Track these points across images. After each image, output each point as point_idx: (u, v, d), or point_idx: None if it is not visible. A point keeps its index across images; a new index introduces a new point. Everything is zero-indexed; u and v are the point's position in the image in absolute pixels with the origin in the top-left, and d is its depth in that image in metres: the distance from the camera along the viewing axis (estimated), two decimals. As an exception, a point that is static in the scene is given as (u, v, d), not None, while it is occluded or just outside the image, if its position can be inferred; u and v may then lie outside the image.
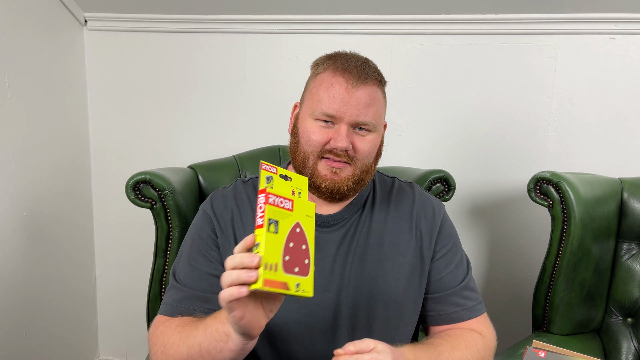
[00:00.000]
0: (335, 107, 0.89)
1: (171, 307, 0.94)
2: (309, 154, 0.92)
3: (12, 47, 1.48)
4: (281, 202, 0.71)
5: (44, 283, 1.68)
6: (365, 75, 0.90)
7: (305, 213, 0.73)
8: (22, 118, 1.54)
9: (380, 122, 0.94)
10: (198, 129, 1.78)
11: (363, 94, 0.89)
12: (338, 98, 0.89)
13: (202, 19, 1.68)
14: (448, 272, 0.99)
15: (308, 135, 0.91)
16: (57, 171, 1.71)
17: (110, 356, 2.00)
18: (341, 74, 0.90)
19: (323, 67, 0.93)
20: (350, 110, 0.89)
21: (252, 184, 1.02)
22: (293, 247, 0.70)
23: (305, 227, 0.73)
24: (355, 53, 0.96)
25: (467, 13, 1.56)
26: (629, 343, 1.30)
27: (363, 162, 0.92)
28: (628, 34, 1.51)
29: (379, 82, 0.93)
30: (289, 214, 0.71)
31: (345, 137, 0.89)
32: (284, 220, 0.70)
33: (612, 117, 1.57)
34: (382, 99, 0.95)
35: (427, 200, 1.03)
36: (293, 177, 0.75)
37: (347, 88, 0.89)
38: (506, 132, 1.63)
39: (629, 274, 1.30)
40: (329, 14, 1.61)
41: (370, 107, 0.90)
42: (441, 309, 0.98)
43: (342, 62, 0.91)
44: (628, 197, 1.31)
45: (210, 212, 0.98)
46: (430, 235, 0.99)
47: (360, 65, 0.91)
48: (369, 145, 0.92)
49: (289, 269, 0.70)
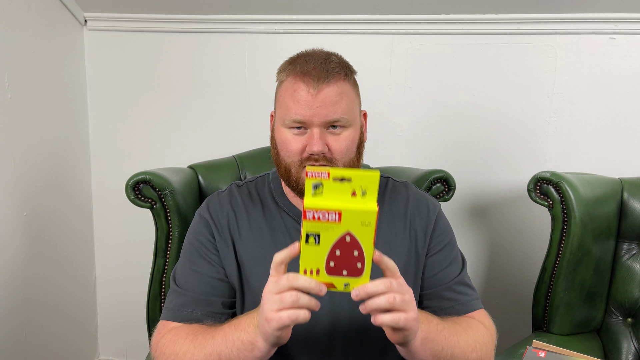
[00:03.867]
0: (302, 113, 0.88)
1: (174, 312, 0.94)
2: (290, 165, 0.91)
3: (12, 47, 1.48)
4: (323, 216, 0.65)
5: (44, 283, 1.68)
6: (325, 74, 0.88)
7: (360, 220, 0.64)
8: (22, 118, 1.54)
9: (354, 115, 0.92)
10: (198, 129, 1.78)
11: (327, 94, 0.88)
12: (303, 103, 0.88)
13: (202, 19, 1.68)
14: (442, 268, 0.99)
15: (285, 146, 0.91)
16: (57, 171, 1.71)
17: (110, 356, 2.00)
18: (301, 79, 0.89)
19: (285, 74, 0.92)
20: (318, 112, 0.88)
21: (247, 188, 1.02)
22: (340, 254, 0.67)
23: (360, 235, 0.66)
24: (317, 50, 0.94)
25: (467, 13, 1.56)
26: (629, 343, 1.30)
27: (343, 161, 0.91)
28: (628, 34, 1.51)
29: (345, 75, 0.91)
30: (334, 225, 0.65)
31: (319, 140, 0.88)
32: (328, 232, 0.65)
33: (612, 117, 1.57)
34: (352, 90, 0.92)
35: (421, 198, 1.02)
36: (354, 176, 0.65)
37: (309, 91, 0.88)
38: (506, 132, 1.63)
39: (629, 274, 1.30)
40: (329, 14, 1.61)
41: (338, 104, 0.88)
42: (435, 305, 0.98)
43: (301, 66, 0.90)
44: (628, 197, 1.31)
45: (207, 216, 0.98)
46: (425, 233, 0.99)
47: (319, 65, 0.89)
48: (345, 142, 0.90)
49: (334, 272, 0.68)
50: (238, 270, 0.96)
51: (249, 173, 1.43)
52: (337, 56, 0.94)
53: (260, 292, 0.93)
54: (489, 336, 0.94)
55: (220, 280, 0.96)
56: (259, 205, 0.99)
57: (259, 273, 0.94)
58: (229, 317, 0.96)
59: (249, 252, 0.95)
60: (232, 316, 0.97)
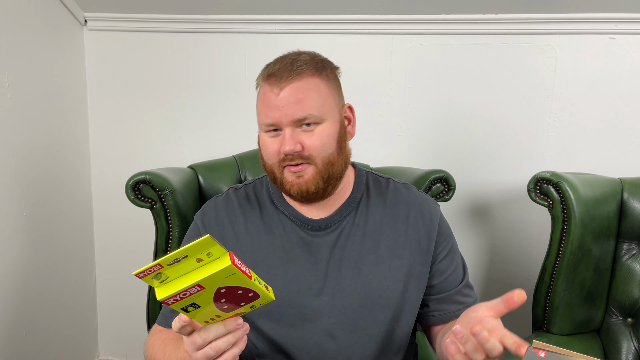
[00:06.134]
0: (270, 115, 0.89)
1: (165, 317, 0.97)
2: (272, 167, 0.92)
3: (12, 47, 1.48)
4: (184, 294, 0.60)
5: (44, 283, 1.68)
6: (289, 73, 0.88)
7: (223, 276, 0.59)
8: (22, 118, 1.54)
9: (326, 109, 0.90)
10: (198, 129, 1.78)
11: (289, 92, 0.88)
12: (270, 105, 0.89)
13: (202, 19, 1.68)
14: (451, 272, 1.00)
15: (265, 150, 0.92)
16: (57, 171, 1.71)
17: (110, 356, 2.00)
18: (267, 81, 0.90)
19: (260, 79, 0.94)
20: (283, 112, 0.88)
21: (244, 191, 1.02)
22: (227, 300, 0.63)
23: (231, 283, 0.61)
24: (293, 52, 0.95)
25: (467, 13, 1.56)
26: (629, 343, 1.30)
27: (321, 156, 0.90)
28: (628, 34, 1.51)
29: (314, 70, 0.90)
30: (202, 292, 0.61)
31: (290, 139, 0.88)
32: (200, 297, 0.61)
33: (612, 117, 1.57)
34: (324, 84, 0.91)
35: (423, 201, 1.02)
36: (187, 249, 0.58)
37: (273, 91, 0.89)
38: (506, 132, 1.63)
39: (629, 274, 1.30)
40: (329, 14, 1.61)
41: (303, 101, 0.88)
42: (445, 309, 0.99)
43: (270, 68, 0.91)
44: (628, 197, 1.31)
45: (199, 224, 1.00)
46: (429, 237, 0.98)
47: (285, 65, 0.90)
48: (319, 138, 0.89)
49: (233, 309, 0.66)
50: None
51: (249, 173, 1.42)
52: (311, 54, 0.94)
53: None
54: None
55: None
56: (256, 208, 0.99)
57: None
58: None
59: (247, 256, 0.95)
60: None
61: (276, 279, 0.93)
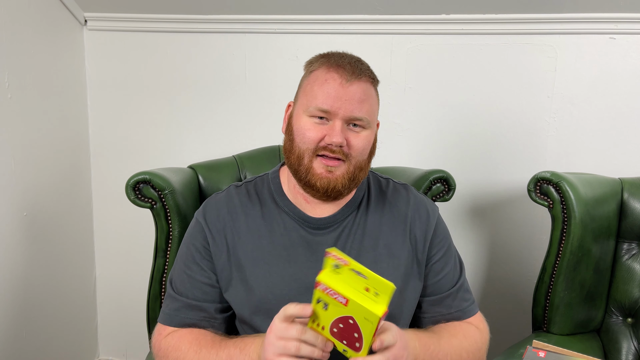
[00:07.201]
0: (329, 102, 0.89)
1: (169, 316, 0.96)
2: (304, 152, 0.91)
3: (12, 47, 1.48)
4: (333, 294, 0.68)
5: (44, 283, 1.68)
6: (358, 71, 0.90)
7: (364, 315, 0.67)
8: (22, 118, 1.54)
9: (374, 119, 0.94)
10: (198, 129, 1.78)
11: (357, 90, 0.89)
12: (332, 93, 0.89)
13: (202, 19, 1.68)
14: (445, 274, 1.00)
15: (303, 133, 0.91)
16: (57, 171, 1.71)
17: (110, 356, 2.00)
18: (335, 70, 0.90)
19: (317, 64, 0.93)
20: (345, 106, 0.89)
21: (245, 189, 1.02)
22: (343, 328, 0.70)
23: (361, 325, 0.68)
24: (348, 53, 0.96)
25: (467, 13, 1.56)
26: (629, 343, 1.30)
27: (357, 159, 0.92)
28: (628, 34, 1.51)
29: (372, 79, 0.94)
30: (341, 306, 0.68)
31: (340, 132, 0.89)
32: (335, 307, 0.69)
33: (612, 117, 1.57)
34: (375, 96, 0.95)
35: (421, 202, 1.03)
36: (371, 276, 0.67)
37: (341, 83, 0.89)
38: (506, 132, 1.63)
39: (629, 274, 1.30)
40: (329, 14, 1.61)
41: (364, 102, 0.90)
42: (437, 311, 0.99)
43: (336, 59, 0.92)
44: (628, 197, 1.31)
45: (202, 221, 0.99)
46: (425, 238, 0.99)
47: (353, 62, 0.91)
48: (363, 141, 0.92)
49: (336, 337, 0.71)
50: (238, 272, 0.96)
51: (249, 173, 1.43)
52: (367, 63, 0.96)
53: (260, 293, 0.93)
54: (482, 341, 0.97)
55: (212, 287, 0.97)
56: (257, 206, 0.99)
57: (258, 275, 0.94)
58: (224, 321, 0.97)
59: (248, 254, 0.95)
60: (227, 320, 0.98)
61: (276, 277, 0.93)
